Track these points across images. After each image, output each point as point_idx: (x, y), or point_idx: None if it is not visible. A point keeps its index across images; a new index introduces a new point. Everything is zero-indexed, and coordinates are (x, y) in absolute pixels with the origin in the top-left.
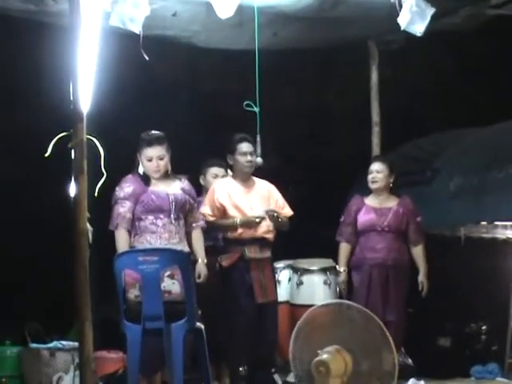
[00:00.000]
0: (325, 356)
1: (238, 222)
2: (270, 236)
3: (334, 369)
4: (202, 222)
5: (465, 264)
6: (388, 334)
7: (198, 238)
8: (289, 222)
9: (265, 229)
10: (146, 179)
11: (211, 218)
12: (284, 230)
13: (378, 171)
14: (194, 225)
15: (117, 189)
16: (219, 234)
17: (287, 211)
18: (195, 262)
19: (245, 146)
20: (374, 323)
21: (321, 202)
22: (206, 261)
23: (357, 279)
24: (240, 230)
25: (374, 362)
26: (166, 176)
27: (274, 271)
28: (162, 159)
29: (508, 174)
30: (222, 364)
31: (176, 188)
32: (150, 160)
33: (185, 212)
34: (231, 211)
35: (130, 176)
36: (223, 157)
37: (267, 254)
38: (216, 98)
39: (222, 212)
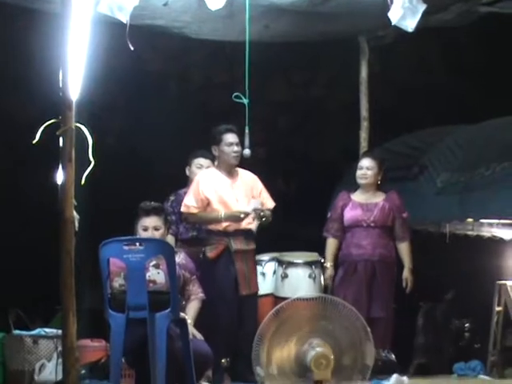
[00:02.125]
0: (319, 349)
1: (223, 215)
2: (254, 227)
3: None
4: (200, 295)
5: (449, 261)
6: (369, 329)
7: (193, 305)
8: (272, 214)
9: (249, 220)
10: None
11: (195, 210)
12: (267, 223)
13: (368, 168)
14: (192, 297)
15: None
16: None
17: (270, 203)
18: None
19: (231, 137)
20: (358, 319)
21: (308, 196)
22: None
23: (340, 273)
24: (225, 224)
25: (355, 357)
26: None
27: (255, 263)
28: (157, 230)
29: (494, 172)
30: None
31: None
32: (145, 229)
33: (180, 286)
34: (216, 205)
35: None
36: (208, 148)
37: (252, 245)
38: (205, 88)
39: (206, 204)
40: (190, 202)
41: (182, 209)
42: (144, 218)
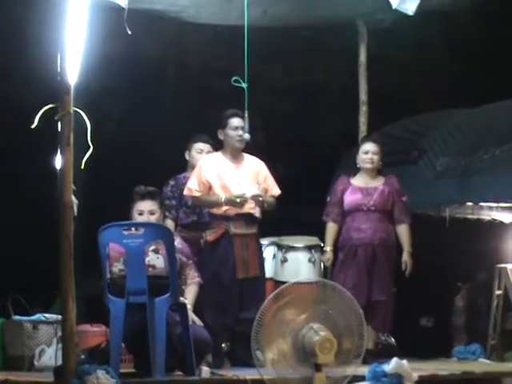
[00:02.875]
0: (323, 333)
1: (223, 199)
2: (257, 211)
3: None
4: (197, 280)
5: (449, 244)
6: (362, 312)
7: (190, 290)
8: (276, 201)
9: (251, 205)
10: None
11: (197, 194)
12: (270, 210)
13: (374, 152)
14: (188, 281)
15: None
16: (204, 209)
17: (275, 191)
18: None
19: (236, 121)
20: (353, 302)
21: (307, 180)
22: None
23: (340, 257)
24: (225, 207)
25: (354, 341)
26: None
27: (260, 247)
28: (153, 214)
29: (494, 156)
30: None
31: None
32: (140, 214)
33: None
34: (217, 189)
35: None
36: (210, 132)
37: (253, 229)
38: (204, 73)
39: (208, 188)
40: (192, 186)
41: (185, 192)
42: (139, 202)
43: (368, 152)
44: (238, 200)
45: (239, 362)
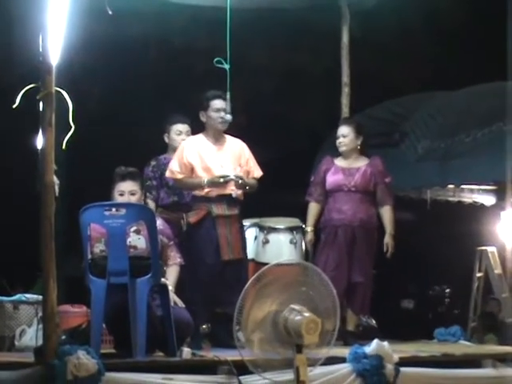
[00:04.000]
0: (308, 314)
1: (205, 182)
2: (235, 193)
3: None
4: (178, 261)
5: (430, 227)
6: (336, 295)
7: (171, 271)
8: (257, 183)
9: (232, 186)
10: None
11: (179, 176)
12: (252, 192)
13: (343, 135)
14: (170, 262)
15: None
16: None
17: (257, 173)
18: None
19: (218, 103)
20: (328, 285)
21: (289, 162)
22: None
23: (322, 238)
24: (207, 189)
25: (335, 322)
26: None
27: (242, 229)
28: (133, 195)
29: (475, 139)
30: None
31: None
32: (121, 194)
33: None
34: (199, 171)
35: None
36: (193, 114)
37: (235, 211)
38: (186, 53)
39: (190, 170)
40: (174, 168)
41: (167, 174)
42: (120, 182)
43: (339, 136)
44: (222, 180)
45: (220, 343)
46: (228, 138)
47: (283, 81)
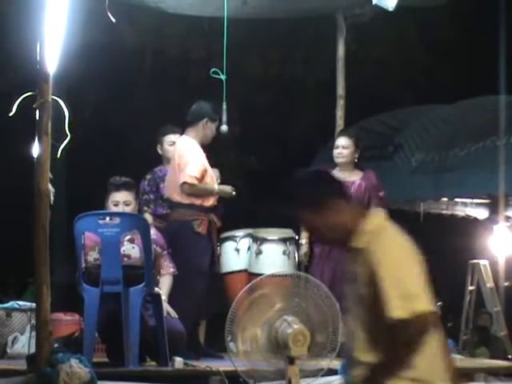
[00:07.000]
0: (297, 326)
1: (217, 189)
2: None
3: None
4: (171, 270)
5: (423, 240)
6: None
7: (165, 280)
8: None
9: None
10: None
11: (196, 182)
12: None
13: (344, 147)
14: (163, 272)
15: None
16: None
17: None
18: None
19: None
20: (328, 297)
21: (283, 173)
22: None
23: (316, 252)
24: (208, 198)
25: (327, 334)
26: None
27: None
28: (128, 205)
29: (469, 152)
30: None
31: None
32: (116, 205)
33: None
34: (208, 178)
35: None
36: (185, 122)
37: (220, 222)
38: (182, 64)
39: (202, 176)
40: (193, 173)
41: (188, 180)
42: (114, 193)
43: (338, 147)
44: (234, 193)
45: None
46: None
47: (278, 92)
